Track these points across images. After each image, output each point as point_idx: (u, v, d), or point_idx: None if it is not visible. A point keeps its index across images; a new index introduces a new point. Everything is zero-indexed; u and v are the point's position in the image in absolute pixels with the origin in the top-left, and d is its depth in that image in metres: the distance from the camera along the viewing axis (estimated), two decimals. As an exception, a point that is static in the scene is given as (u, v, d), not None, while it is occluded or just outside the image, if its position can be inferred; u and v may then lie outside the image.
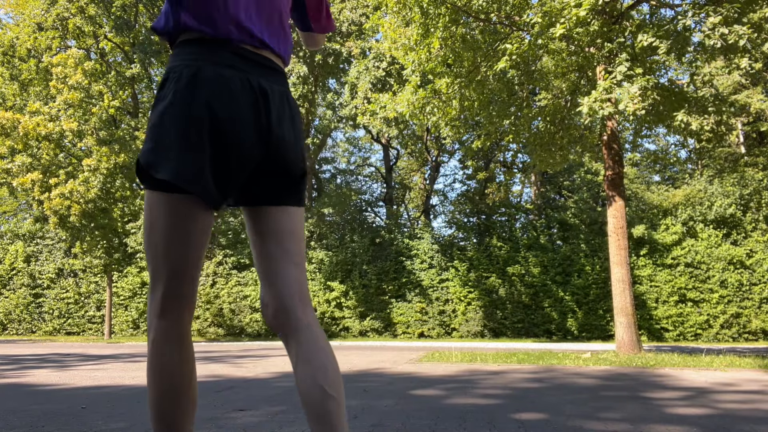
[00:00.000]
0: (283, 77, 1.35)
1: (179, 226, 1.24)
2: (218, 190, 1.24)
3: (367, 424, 2.79)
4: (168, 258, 1.26)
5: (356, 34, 20.22)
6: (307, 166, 1.42)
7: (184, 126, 1.19)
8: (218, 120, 1.20)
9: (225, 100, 1.21)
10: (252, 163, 1.26)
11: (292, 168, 1.32)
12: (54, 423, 2.84)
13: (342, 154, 30.68)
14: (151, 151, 1.22)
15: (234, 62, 1.25)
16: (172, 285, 1.26)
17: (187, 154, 1.19)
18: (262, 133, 1.25)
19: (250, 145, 1.24)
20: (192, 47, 1.26)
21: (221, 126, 1.21)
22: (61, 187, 15.67)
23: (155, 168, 1.21)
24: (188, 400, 1.29)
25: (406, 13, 8.95)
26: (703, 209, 17.32)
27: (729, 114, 8.33)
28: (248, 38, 1.27)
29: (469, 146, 14.12)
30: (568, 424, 2.75)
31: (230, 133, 1.21)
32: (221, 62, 1.24)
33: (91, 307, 21.42)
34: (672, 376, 5.17)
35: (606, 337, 16.70)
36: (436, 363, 6.76)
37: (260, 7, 1.28)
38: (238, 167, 1.24)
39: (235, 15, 1.25)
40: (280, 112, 1.29)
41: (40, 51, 21.15)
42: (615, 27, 7.92)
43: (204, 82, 1.21)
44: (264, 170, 1.30)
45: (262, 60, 1.29)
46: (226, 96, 1.21)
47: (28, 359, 8.11)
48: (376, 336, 18.66)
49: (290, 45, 1.39)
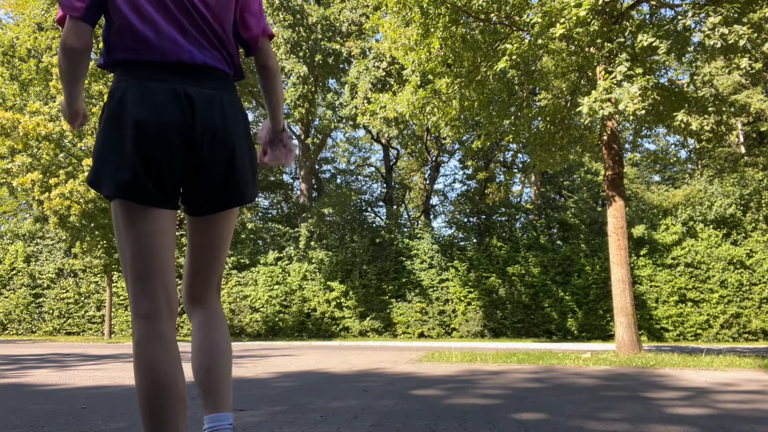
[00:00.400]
0: (217, 82, 1.50)
1: (138, 230, 1.39)
2: (158, 190, 1.40)
3: (367, 424, 2.79)
4: (135, 260, 1.39)
5: (356, 34, 20.22)
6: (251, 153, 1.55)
7: (116, 141, 1.37)
8: (144, 128, 1.36)
9: (148, 109, 1.37)
10: (180, 158, 1.41)
11: (223, 155, 1.45)
12: (54, 423, 2.84)
13: (342, 154, 30.69)
14: (93, 171, 1.41)
15: (161, 77, 1.42)
16: (144, 287, 1.38)
17: (121, 167, 1.36)
18: (186, 130, 1.40)
19: (176, 148, 1.39)
20: (123, 70, 1.45)
21: (146, 132, 1.37)
22: (61, 187, 15.67)
23: (98, 185, 1.40)
24: (175, 398, 1.33)
25: (406, 13, 8.95)
26: (703, 209, 17.32)
27: (729, 114, 8.33)
28: (175, 56, 1.43)
29: (469, 146, 14.13)
30: (568, 424, 2.75)
31: (155, 136, 1.37)
32: (149, 77, 1.41)
33: (91, 307, 21.42)
34: (672, 376, 5.17)
35: (606, 337, 16.70)
36: (436, 363, 6.76)
37: (186, 31, 1.45)
38: (168, 164, 1.39)
39: (160, 42, 1.43)
40: (206, 110, 1.44)
41: (40, 51, 21.14)
42: (615, 27, 7.92)
43: (130, 98, 1.39)
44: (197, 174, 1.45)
45: (190, 70, 1.45)
46: (149, 105, 1.38)
47: (28, 359, 8.11)
48: (376, 336, 18.66)
49: (229, 55, 1.55)
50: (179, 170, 1.43)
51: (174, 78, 1.43)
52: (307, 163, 23.28)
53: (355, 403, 3.50)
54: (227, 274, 20.43)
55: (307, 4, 20.41)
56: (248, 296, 19.89)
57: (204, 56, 1.47)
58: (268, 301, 19.67)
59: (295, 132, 24.27)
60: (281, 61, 19.82)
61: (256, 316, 19.61)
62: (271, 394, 3.93)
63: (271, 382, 4.78)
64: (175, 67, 1.44)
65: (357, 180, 29.68)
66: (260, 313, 19.65)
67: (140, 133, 1.36)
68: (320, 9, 20.07)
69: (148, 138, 1.36)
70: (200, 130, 1.42)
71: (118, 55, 1.44)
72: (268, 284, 19.81)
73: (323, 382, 4.80)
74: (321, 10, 19.98)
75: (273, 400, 3.65)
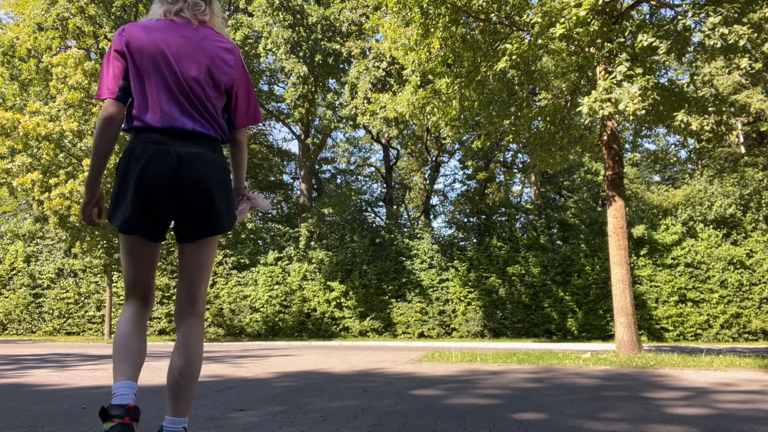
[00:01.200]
0: (203, 143, 1.98)
1: (132, 254, 2.01)
2: (150, 226, 1.96)
3: (367, 424, 2.79)
4: (127, 271, 2.04)
5: (356, 34, 20.21)
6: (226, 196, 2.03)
7: (124, 190, 1.91)
8: (144, 180, 1.88)
9: (148, 166, 1.88)
10: (171, 205, 1.93)
11: (201, 196, 1.94)
12: (54, 423, 2.84)
13: (342, 154, 30.68)
14: (110, 209, 1.98)
15: (159, 140, 1.92)
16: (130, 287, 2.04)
17: (127, 208, 1.91)
18: (174, 179, 1.90)
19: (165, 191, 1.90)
20: (136, 134, 1.97)
21: (146, 183, 1.88)
22: (61, 187, 15.67)
23: (112, 220, 1.96)
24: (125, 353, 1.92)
25: (406, 13, 8.95)
26: (703, 209, 17.32)
27: (729, 114, 8.33)
28: (170, 124, 1.94)
29: (469, 146, 14.13)
30: (568, 424, 2.75)
31: (152, 186, 1.88)
32: (150, 141, 1.92)
33: (91, 307, 21.42)
34: (672, 376, 5.17)
35: (606, 337, 16.70)
36: (436, 363, 6.76)
37: (182, 108, 1.97)
38: (161, 208, 1.93)
39: (162, 116, 1.94)
40: (190, 164, 1.92)
41: (40, 51, 21.14)
42: (615, 27, 7.92)
43: (136, 157, 1.90)
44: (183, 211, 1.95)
45: (182, 135, 1.95)
46: (149, 163, 1.88)
47: (28, 359, 8.11)
48: (376, 336, 18.66)
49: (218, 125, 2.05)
50: (170, 209, 1.94)
51: (169, 141, 1.93)
52: (307, 163, 23.28)
53: (355, 403, 3.50)
54: (227, 274, 20.44)
55: (307, 4, 20.40)
56: (248, 296, 19.88)
57: (194, 125, 1.97)
58: (268, 301, 19.67)
59: (295, 132, 24.27)
60: (281, 61, 19.82)
61: (256, 316, 19.60)
62: (271, 394, 3.93)
63: (271, 382, 4.78)
64: (170, 132, 1.94)
65: (357, 180, 29.68)
66: (260, 313, 19.65)
67: (140, 184, 1.88)
68: (320, 9, 20.07)
69: (145, 188, 1.88)
70: (185, 179, 1.91)
71: (133, 123, 1.97)
72: (268, 284, 19.81)
73: (323, 382, 4.80)
74: (321, 10, 19.97)
75: (273, 400, 3.65)
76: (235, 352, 10.50)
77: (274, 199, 28.82)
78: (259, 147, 27.08)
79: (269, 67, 24.92)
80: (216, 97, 2.04)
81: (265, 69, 24.67)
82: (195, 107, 1.98)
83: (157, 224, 1.96)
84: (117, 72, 1.96)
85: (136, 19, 21.13)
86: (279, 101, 25.49)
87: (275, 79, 26.10)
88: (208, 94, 2.01)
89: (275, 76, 25.72)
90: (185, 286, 2.03)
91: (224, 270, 20.40)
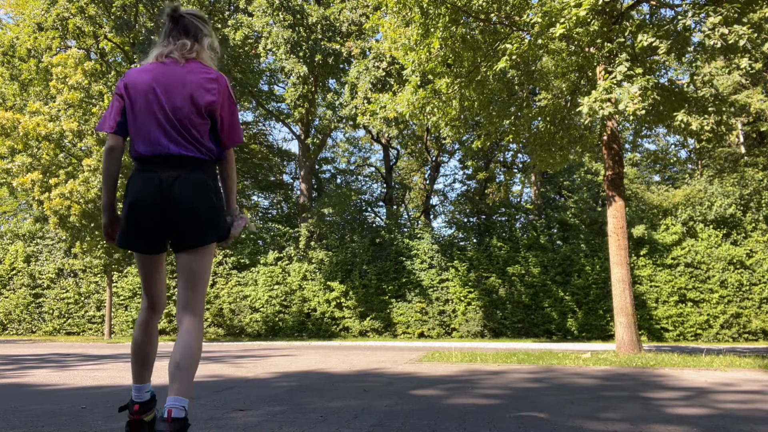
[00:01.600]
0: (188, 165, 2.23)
1: (141, 266, 2.35)
2: (144, 245, 2.26)
3: (367, 424, 2.79)
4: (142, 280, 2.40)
5: (356, 34, 20.20)
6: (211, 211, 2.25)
7: (125, 213, 2.23)
8: (136, 204, 2.18)
9: (139, 191, 2.19)
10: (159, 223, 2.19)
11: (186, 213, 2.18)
12: (54, 423, 2.84)
13: (342, 154, 30.67)
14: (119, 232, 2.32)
15: (149, 168, 2.21)
16: (143, 292, 2.41)
17: (126, 230, 2.25)
18: (161, 200, 2.17)
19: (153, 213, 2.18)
20: (135, 163, 2.28)
21: (134, 206, 2.19)
22: (61, 187, 15.66)
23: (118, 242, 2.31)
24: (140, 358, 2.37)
25: (406, 13, 8.94)
26: (703, 209, 17.31)
27: (729, 114, 8.33)
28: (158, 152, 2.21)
29: (469, 146, 14.13)
30: (568, 424, 2.75)
31: (142, 209, 2.18)
32: (143, 169, 2.22)
33: (91, 307, 21.42)
34: (672, 376, 5.17)
35: (606, 337, 16.70)
36: (436, 363, 6.76)
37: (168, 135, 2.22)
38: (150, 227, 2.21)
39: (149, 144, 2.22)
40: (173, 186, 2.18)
41: (40, 51, 21.13)
42: (615, 27, 7.92)
43: (131, 183, 2.23)
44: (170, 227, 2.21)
45: (168, 160, 2.21)
46: (140, 188, 2.19)
47: (28, 359, 8.11)
48: (376, 336, 18.66)
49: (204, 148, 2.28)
50: (159, 227, 2.20)
51: (158, 167, 2.20)
52: (307, 163, 23.28)
53: (355, 403, 3.50)
54: (227, 274, 20.44)
55: (307, 4, 20.39)
56: (248, 296, 19.88)
57: (179, 149, 2.21)
58: (268, 301, 19.67)
59: (295, 132, 24.27)
60: (281, 61, 19.81)
61: (256, 316, 19.60)
62: (271, 394, 3.93)
63: (271, 382, 4.78)
64: (157, 159, 2.21)
65: (357, 180, 29.67)
66: (260, 313, 19.65)
67: (130, 206, 2.19)
68: (320, 9, 20.06)
69: (134, 210, 2.18)
70: (166, 201, 2.17)
71: (131, 153, 2.27)
72: (268, 284, 19.81)
73: (323, 382, 4.80)
74: (321, 10, 19.96)
75: (273, 400, 3.65)
76: (235, 352, 10.50)
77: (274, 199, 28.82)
78: (259, 147, 27.09)
79: (269, 67, 24.92)
80: (201, 123, 2.27)
81: (265, 69, 24.67)
82: (180, 134, 2.23)
83: (149, 240, 2.25)
84: (117, 110, 2.28)
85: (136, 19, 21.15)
86: (279, 101, 25.48)
87: (275, 79, 26.10)
88: (193, 120, 2.26)
89: (275, 76, 25.72)
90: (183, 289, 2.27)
91: (224, 270, 20.40)
